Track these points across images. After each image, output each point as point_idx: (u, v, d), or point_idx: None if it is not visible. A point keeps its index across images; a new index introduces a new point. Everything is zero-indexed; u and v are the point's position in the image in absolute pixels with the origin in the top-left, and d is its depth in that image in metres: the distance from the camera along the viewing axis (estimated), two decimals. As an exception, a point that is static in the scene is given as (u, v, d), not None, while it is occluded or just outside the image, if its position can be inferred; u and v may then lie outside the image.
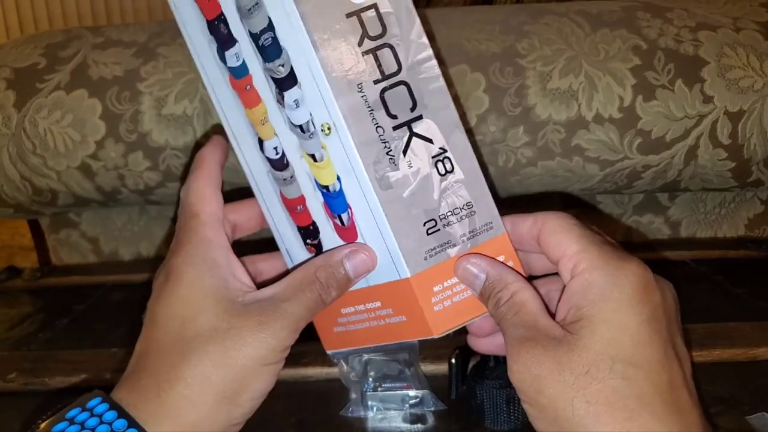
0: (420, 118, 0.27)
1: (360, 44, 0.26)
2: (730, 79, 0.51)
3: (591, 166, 0.54)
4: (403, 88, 0.27)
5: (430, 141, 0.27)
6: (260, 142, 0.29)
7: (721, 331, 0.41)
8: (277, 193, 0.30)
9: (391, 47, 0.27)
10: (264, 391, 0.26)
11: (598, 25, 0.54)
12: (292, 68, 0.26)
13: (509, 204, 0.64)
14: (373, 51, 0.26)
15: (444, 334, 0.27)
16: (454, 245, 0.27)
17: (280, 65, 0.26)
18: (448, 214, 0.27)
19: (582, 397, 0.22)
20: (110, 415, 0.23)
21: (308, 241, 0.30)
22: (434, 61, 0.28)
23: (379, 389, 0.35)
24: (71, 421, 0.23)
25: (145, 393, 0.24)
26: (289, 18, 0.25)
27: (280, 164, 0.29)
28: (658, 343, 0.23)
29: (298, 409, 0.35)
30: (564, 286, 0.25)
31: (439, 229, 0.27)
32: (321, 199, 0.28)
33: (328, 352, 0.32)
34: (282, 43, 0.26)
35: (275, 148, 0.29)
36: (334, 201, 0.28)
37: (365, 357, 0.36)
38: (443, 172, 0.27)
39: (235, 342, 0.24)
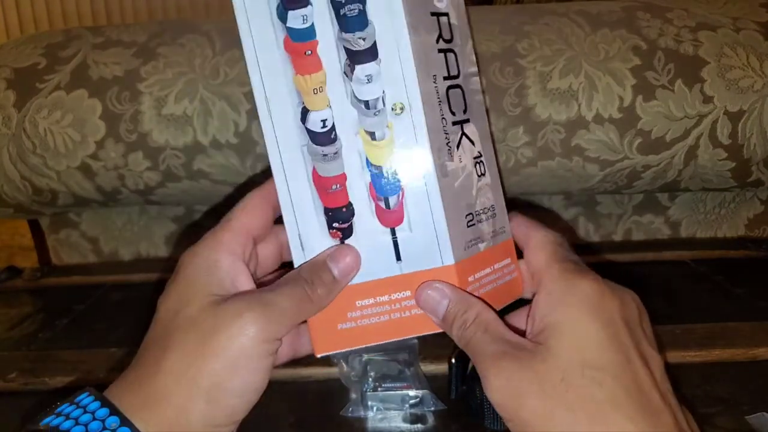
0: (468, 121, 0.30)
1: (437, 41, 0.28)
2: (730, 79, 0.51)
3: (591, 166, 0.54)
4: (459, 91, 0.29)
5: (473, 143, 0.30)
6: (305, 111, 0.28)
7: (721, 331, 0.41)
8: (308, 169, 0.28)
9: (455, 54, 0.29)
10: (243, 389, 0.24)
11: (598, 26, 0.54)
12: (374, 43, 0.27)
13: (510, 203, 0.64)
14: (445, 51, 0.29)
15: None
16: (483, 241, 0.29)
17: (360, 38, 0.27)
18: (480, 212, 0.29)
19: (563, 406, 0.22)
20: (95, 405, 0.23)
21: (335, 224, 0.29)
22: (478, 77, 0.31)
23: (379, 389, 0.35)
24: (58, 414, 0.24)
25: (129, 386, 0.24)
26: (391, 1, 0.26)
27: (324, 138, 0.28)
28: (618, 347, 0.23)
29: (298, 408, 0.35)
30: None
31: (474, 224, 0.29)
32: (368, 179, 0.28)
33: (320, 355, 0.29)
34: (370, 17, 0.27)
35: (323, 121, 0.28)
36: (386, 182, 0.28)
37: (365, 357, 0.36)
38: (479, 173, 0.30)
39: (214, 333, 0.24)
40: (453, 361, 0.37)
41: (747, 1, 0.56)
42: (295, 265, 0.29)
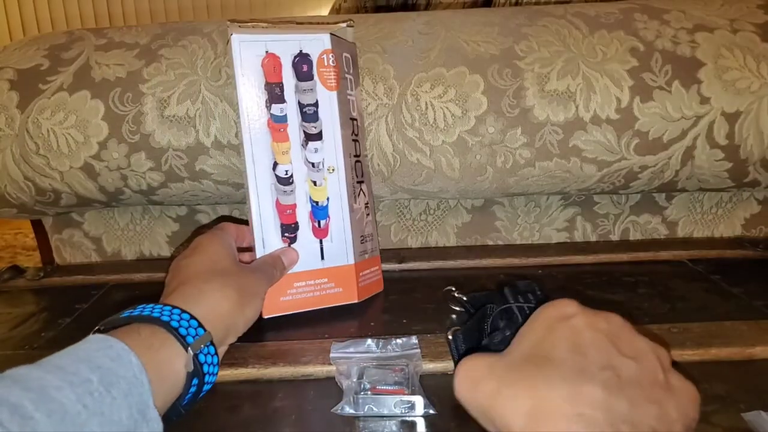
0: (363, 182, 0.50)
1: (351, 135, 0.48)
2: (727, 80, 0.52)
3: (589, 167, 0.54)
4: (360, 164, 0.49)
5: (365, 195, 0.50)
6: (275, 164, 0.45)
7: (718, 331, 0.42)
8: (273, 198, 0.45)
9: (359, 143, 0.49)
10: (253, 309, 0.40)
11: (596, 27, 0.54)
12: (321, 131, 0.46)
13: (509, 203, 0.64)
14: (354, 140, 0.49)
15: (362, 300, 0.48)
16: (367, 253, 0.50)
17: (313, 126, 0.46)
18: (367, 236, 0.49)
19: (506, 384, 0.29)
20: (159, 307, 0.35)
21: (286, 234, 0.46)
22: (369, 159, 0.53)
23: (370, 392, 0.35)
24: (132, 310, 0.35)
25: (189, 296, 0.37)
26: (332, 109, 0.46)
27: (285, 182, 0.45)
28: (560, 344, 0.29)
29: (298, 406, 0.35)
30: None
31: (364, 242, 0.49)
32: (309, 209, 0.46)
33: (267, 316, 0.45)
34: (320, 115, 0.46)
35: (286, 171, 0.45)
36: (320, 211, 0.46)
37: (363, 364, 0.37)
38: (366, 214, 0.50)
39: (241, 276, 0.40)
40: (450, 337, 0.39)
41: (744, 3, 0.57)
42: (257, 257, 0.45)
